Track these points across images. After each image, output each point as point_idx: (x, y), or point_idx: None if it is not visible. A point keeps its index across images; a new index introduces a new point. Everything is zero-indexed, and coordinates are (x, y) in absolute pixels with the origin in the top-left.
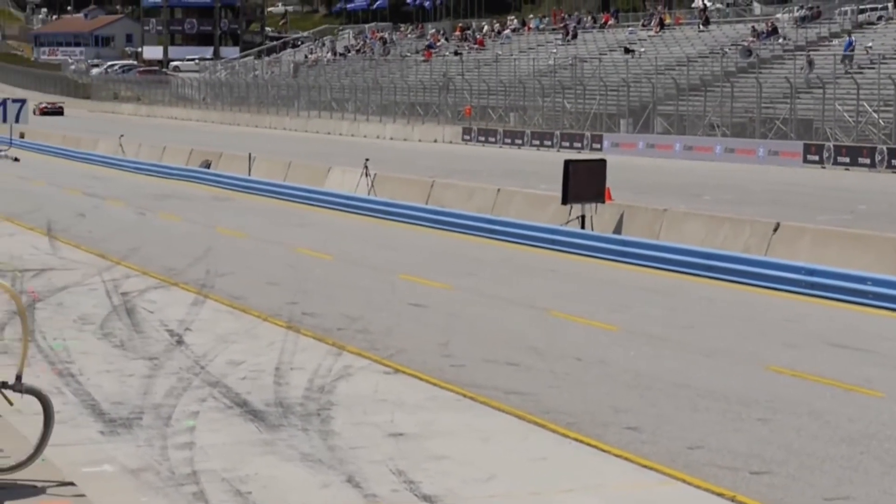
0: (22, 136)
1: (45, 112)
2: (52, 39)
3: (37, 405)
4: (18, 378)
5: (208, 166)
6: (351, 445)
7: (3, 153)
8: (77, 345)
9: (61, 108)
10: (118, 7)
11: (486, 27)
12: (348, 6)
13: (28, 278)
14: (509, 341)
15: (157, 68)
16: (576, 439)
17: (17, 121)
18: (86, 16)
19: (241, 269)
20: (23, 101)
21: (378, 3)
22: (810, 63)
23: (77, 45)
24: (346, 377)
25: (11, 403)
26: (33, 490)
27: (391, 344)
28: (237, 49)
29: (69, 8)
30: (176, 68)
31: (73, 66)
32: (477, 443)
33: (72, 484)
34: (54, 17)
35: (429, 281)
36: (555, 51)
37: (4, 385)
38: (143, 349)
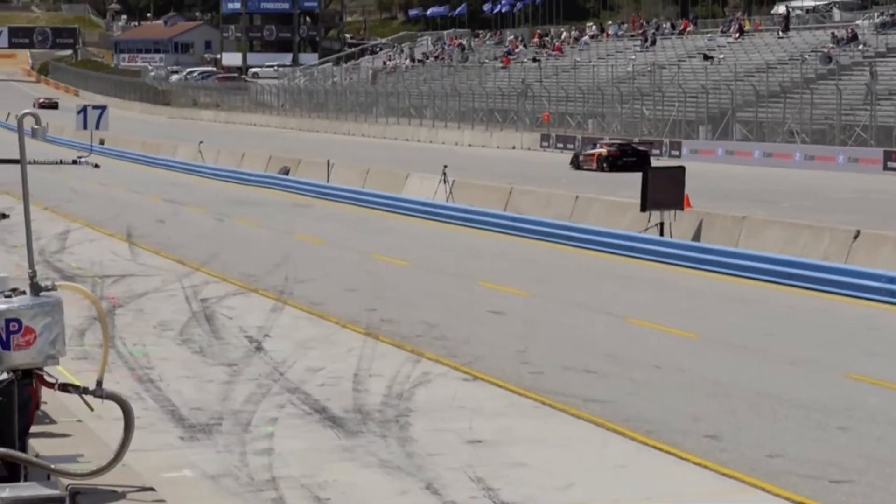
0: (102, 142)
1: (43, 105)
2: (132, 46)
3: (117, 411)
4: (99, 384)
5: (287, 173)
6: (429, 452)
7: (83, 160)
8: (157, 351)
9: (56, 102)
10: (198, 14)
11: (564, 34)
12: (427, 13)
13: (108, 284)
14: (587, 348)
15: (236, 75)
16: (654, 447)
17: (97, 127)
18: (165, 22)
19: (320, 276)
20: (103, 108)
21: (457, 9)
22: (873, 74)
23: (157, 51)
24: (425, 384)
25: (92, 409)
26: (113, 495)
27: (469, 351)
28: (316, 56)
29: (149, 15)
30: (255, 75)
31: (152, 73)
32: (555, 450)
33: (152, 489)
34: (134, 24)
35: (507, 288)
36: (633, 57)
37: (85, 390)
38: (223, 355)
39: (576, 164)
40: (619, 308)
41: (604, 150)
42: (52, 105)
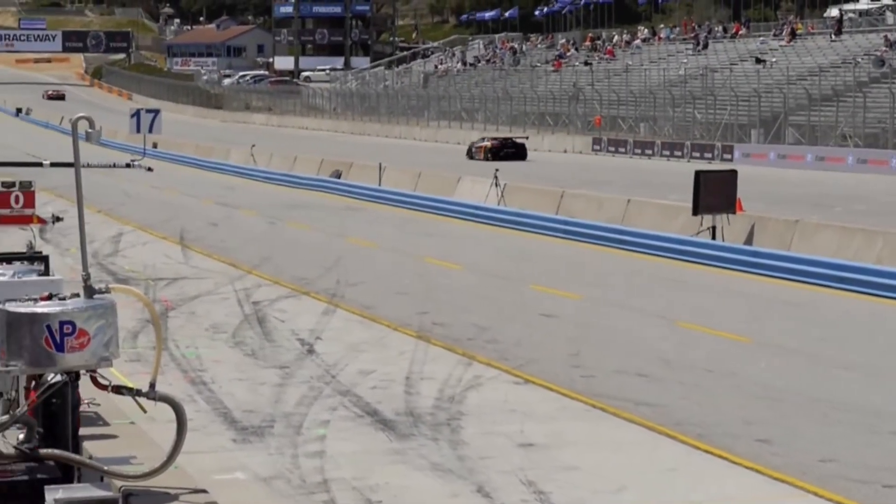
0: (155, 145)
1: (51, 97)
2: (185, 50)
3: (170, 413)
4: (152, 386)
5: (339, 176)
6: (481, 455)
7: (136, 163)
8: (209, 353)
9: (63, 94)
10: (250, 18)
11: (616, 37)
12: (478, 16)
13: (161, 287)
14: (639, 352)
15: (288, 78)
16: (706, 451)
17: (150, 131)
18: (218, 26)
19: (371, 279)
20: (156, 112)
21: (509, 12)
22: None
23: (209, 55)
24: (476, 387)
25: (145, 411)
26: (166, 497)
27: (521, 354)
28: (367, 59)
29: (202, 19)
30: (307, 78)
31: (205, 77)
32: (607, 453)
33: (204, 491)
34: (187, 27)
35: (559, 291)
36: (685, 61)
37: (138, 393)
38: (275, 358)
39: (470, 155)
40: (671, 312)
41: (488, 144)
42: (59, 97)
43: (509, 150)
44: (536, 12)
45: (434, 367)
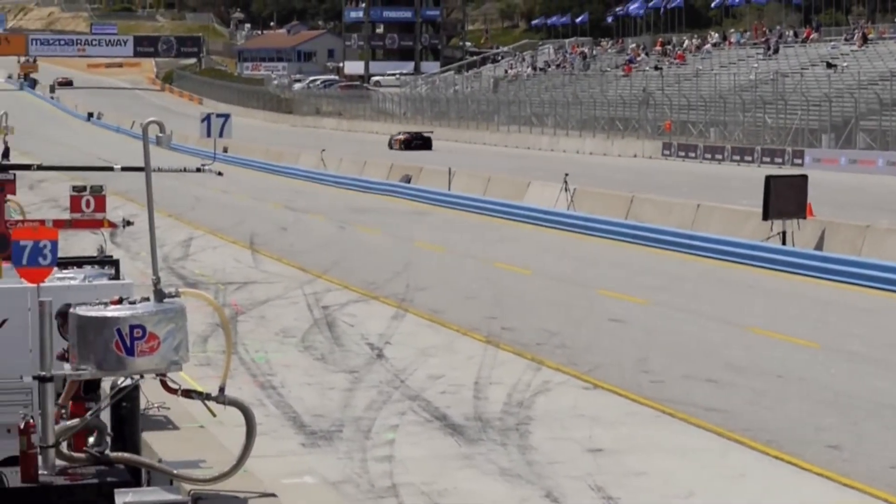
0: (225, 150)
1: (61, 84)
2: (256, 55)
3: (239, 417)
4: (221, 390)
5: (408, 181)
6: (549, 460)
7: (207, 167)
8: (278, 357)
9: (71, 80)
10: (320, 22)
11: (686, 42)
12: (548, 21)
13: (231, 291)
14: (708, 357)
15: (358, 83)
16: (775, 457)
17: (220, 135)
18: (288, 31)
19: (440, 284)
20: (226, 116)
21: (579, 18)
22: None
23: (280, 60)
24: (545, 392)
25: (214, 415)
26: (235, 500)
27: (590, 359)
28: (438, 64)
29: (272, 24)
30: (377, 83)
31: (275, 81)
32: (676, 459)
33: (273, 495)
34: (258, 32)
35: (627, 296)
36: (756, 65)
37: (208, 397)
38: (344, 362)
39: (390, 145)
40: (741, 317)
41: (402, 137)
42: (67, 83)
43: (418, 142)
44: (608, 17)
45: (502, 372)
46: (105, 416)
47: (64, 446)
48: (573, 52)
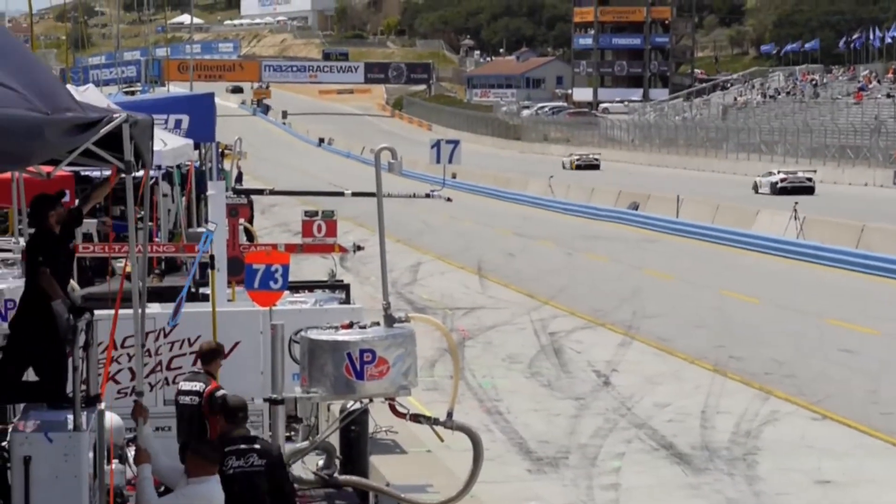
0: (454, 176)
1: (233, 91)
2: (485, 81)
3: (466, 442)
4: (449, 415)
5: (636, 208)
6: (777, 491)
7: (436, 193)
8: (505, 383)
9: (241, 88)
10: (549, 49)
11: None
12: (779, 48)
13: (458, 316)
14: None
15: (586, 110)
16: None
17: (450, 161)
18: (518, 58)
19: (668, 311)
20: (456, 142)
21: (809, 44)
22: None
23: (508, 86)
24: (773, 422)
25: (442, 440)
26: None
27: (819, 389)
28: (666, 91)
29: (501, 50)
30: (605, 110)
31: (504, 108)
32: None
33: None
34: (487, 59)
35: (858, 326)
36: None
37: (436, 421)
38: (571, 389)
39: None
40: None
41: (574, 160)
42: (238, 90)
43: (586, 164)
44: (840, 45)
45: (730, 402)
46: (335, 440)
47: (297, 468)
48: (803, 80)
